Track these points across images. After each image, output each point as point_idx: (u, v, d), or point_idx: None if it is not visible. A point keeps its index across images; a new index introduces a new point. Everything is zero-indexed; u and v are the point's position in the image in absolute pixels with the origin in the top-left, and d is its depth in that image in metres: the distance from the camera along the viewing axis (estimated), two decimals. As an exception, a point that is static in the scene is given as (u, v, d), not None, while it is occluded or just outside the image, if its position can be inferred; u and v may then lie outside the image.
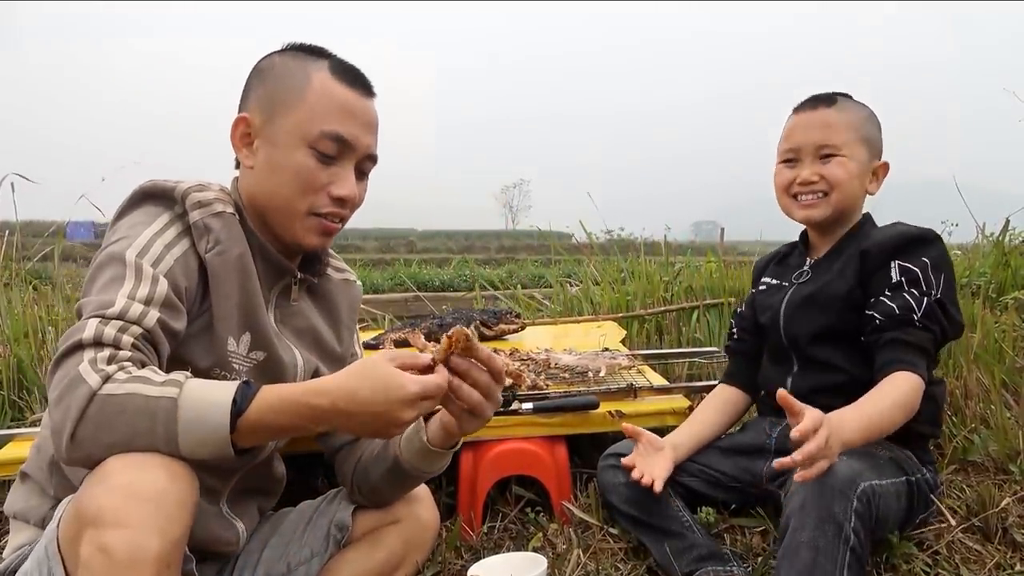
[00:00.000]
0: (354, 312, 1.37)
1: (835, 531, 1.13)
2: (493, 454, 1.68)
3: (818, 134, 1.50)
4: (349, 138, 1.11)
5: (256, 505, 1.28)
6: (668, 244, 3.92)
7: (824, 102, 1.53)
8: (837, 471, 1.18)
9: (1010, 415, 1.89)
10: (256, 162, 1.12)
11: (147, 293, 0.98)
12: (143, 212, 1.08)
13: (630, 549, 1.56)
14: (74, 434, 0.87)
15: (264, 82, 1.13)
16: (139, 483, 0.85)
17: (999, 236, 3.40)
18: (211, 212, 1.08)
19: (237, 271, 1.09)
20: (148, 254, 1.02)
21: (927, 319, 1.36)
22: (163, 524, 0.84)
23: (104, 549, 0.81)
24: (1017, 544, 1.48)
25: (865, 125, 1.52)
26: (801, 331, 1.52)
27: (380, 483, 1.24)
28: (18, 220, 3.18)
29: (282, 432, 0.99)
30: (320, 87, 1.10)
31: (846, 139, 1.49)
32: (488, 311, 2.56)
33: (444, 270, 11.67)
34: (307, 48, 1.15)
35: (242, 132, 1.13)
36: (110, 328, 0.93)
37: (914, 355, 1.34)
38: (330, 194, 1.12)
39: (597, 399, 1.76)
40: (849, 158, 1.49)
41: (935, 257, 1.41)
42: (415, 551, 1.29)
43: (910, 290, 1.38)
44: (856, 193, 1.52)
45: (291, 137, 1.09)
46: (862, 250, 1.46)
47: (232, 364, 1.11)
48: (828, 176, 1.50)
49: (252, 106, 1.13)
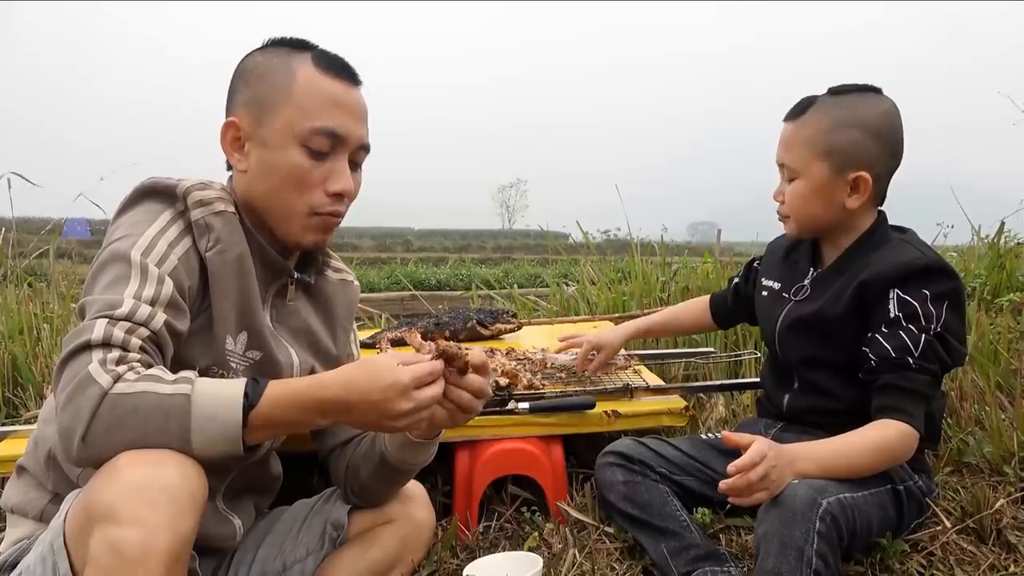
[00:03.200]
0: (351, 313, 1.36)
1: (796, 556, 1.14)
2: (489, 454, 1.68)
3: (780, 151, 1.47)
4: (341, 131, 1.10)
5: (252, 502, 1.28)
6: (665, 245, 3.92)
7: (792, 114, 1.46)
8: (798, 493, 1.18)
9: (1005, 417, 1.90)
10: (249, 165, 1.12)
11: (153, 294, 0.98)
12: (145, 209, 1.07)
13: (626, 549, 1.56)
14: (86, 435, 0.87)
15: (249, 83, 1.11)
16: (150, 479, 0.85)
17: (994, 238, 3.41)
18: (212, 211, 1.08)
19: (236, 271, 1.09)
20: (152, 253, 1.01)
21: (924, 359, 1.30)
22: (174, 521, 0.84)
23: (114, 545, 0.81)
24: (1011, 546, 1.48)
25: (831, 135, 1.39)
26: (795, 355, 1.51)
27: (370, 481, 1.25)
28: (14, 217, 3.17)
29: (290, 427, 0.99)
30: (306, 82, 1.09)
31: (799, 157, 1.43)
32: (484, 311, 2.56)
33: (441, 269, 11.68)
34: (288, 42, 1.14)
35: (232, 137, 1.12)
36: (118, 330, 0.93)
37: (910, 402, 1.30)
38: (327, 190, 1.12)
39: (593, 399, 1.76)
40: (804, 178, 1.43)
41: (938, 290, 1.33)
42: (411, 550, 1.30)
43: (908, 326, 1.31)
44: (817, 213, 1.44)
45: (282, 137, 1.08)
46: (860, 281, 1.38)
47: (229, 363, 1.11)
48: (787, 197, 1.47)
49: (240, 110, 1.11)
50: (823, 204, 1.43)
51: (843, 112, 1.40)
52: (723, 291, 1.91)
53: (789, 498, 1.18)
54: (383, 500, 1.29)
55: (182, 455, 0.90)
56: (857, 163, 1.39)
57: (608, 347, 1.90)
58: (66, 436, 0.89)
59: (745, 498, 1.19)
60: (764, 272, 1.68)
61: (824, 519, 1.16)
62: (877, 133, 1.40)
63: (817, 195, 1.43)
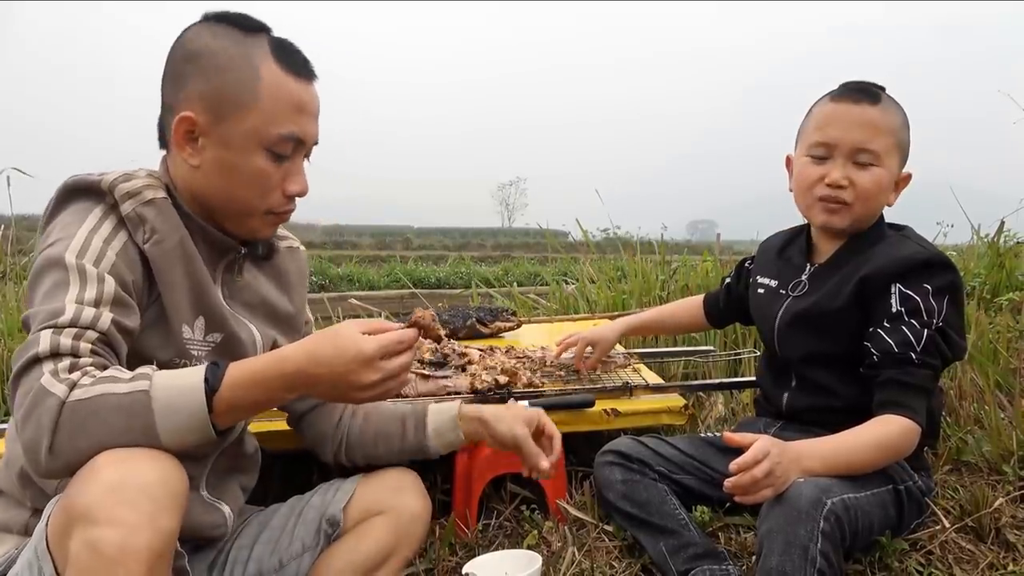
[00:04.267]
0: (303, 277, 1.36)
1: (801, 555, 1.14)
2: (488, 452, 1.68)
3: (859, 134, 1.38)
4: (302, 135, 1.11)
5: (237, 484, 1.27)
6: (664, 243, 3.93)
7: (869, 97, 1.40)
8: (802, 492, 1.18)
9: (1004, 416, 1.90)
10: (203, 161, 1.09)
11: (95, 295, 0.96)
12: (73, 210, 1.05)
13: (625, 547, 1.56)
14: (51, 447, 0.86)
15: (206, 75, 1.06)
16: (127, 478, 0.85)
17: (994, 237, 3.41)
18: (142, 201, 1.05)
19: (179, 258, 1.07)
20: (88, 253, 0.99)
21: (926, 354, 1.31)
22: (153, 518, 0.83)
23: (93, 545, 0.81)
24: (1010, 544, 1.48)
25: (903, 131, 1.41)
26: (795, 352, 1.51)
27: (390, 457, 1.31)
28: (13, 214, 3.17)
29: (257, 406, 0.99)
30: (272, 86, 1.07)
31: (886, 145, 1.38)
32: (484, 309, 2.56)
33: (440, 267, 11.68)
34: (236, 21, 1.10)
35: (185, 130, 1.08)
36: (65, 337, 0.92)
37: (912, 397, 1.30)
38: (285, 192, 1.12)
39: (593, 397, 1.76)
40: (885, 168, 1.39)
41: (939, 284, 1.34)
42: (405, 542, 1.27)
43: (910, 321, 1.32)
44: (881, 203, 1.44)
45: (247, 141, 1.07)
46: (862, 276, 1.38)
47: (191, 351, 1.10)
48: (859, 185, 1.39)
49: (195, 103, 1.07)
50: (886, 196, 1.43)
51: (902, 111, 1.43)
52: (716, 291, 1.91)
53: (794, 497, 1.18)
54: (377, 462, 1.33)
55: (159, 452, 0.89)
56: (905, 162, 1.44)
57: (602, 343, 1.91)
58: (32, 451, 0.88)
59: (750, 496, 1.19)
60: (759, 270, 1.67)
61: (828, 519, 1.16)
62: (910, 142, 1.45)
63: (887, 186, 1.42)
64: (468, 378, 1.80)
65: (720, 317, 1.90)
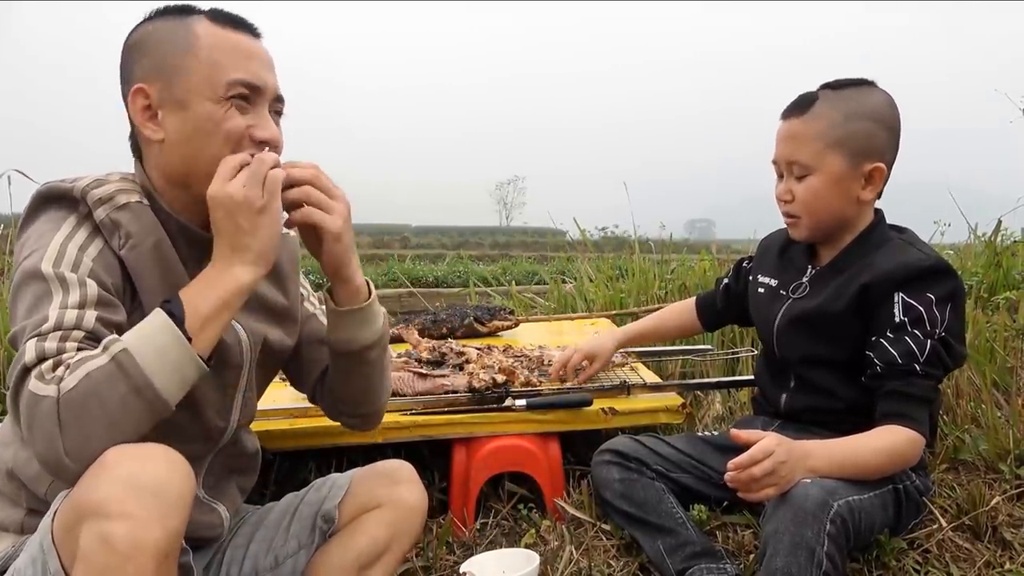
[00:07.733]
0: (295, 263, 1.33)
1: (807, 556, 1.14)
2: (486, 451, 1.69)
3: (784, 148, 1.42)
4: (256, 81, 1.07)
5: (235, 485, 1.26)
6: (663, 242, 3.93)
7: (796, 109, 1.42)
8: (809, 493, 1.18)
9: (1001, 415, 1.90)
10: (167, 132, 1.07)
11: (79, 299, 0.96)
12: (47, 219, 1.03)
13: (623, 546, 1.56)
14: (66, 448, 0.86)
15: (146, 52, 1.06)
16: (139, 474, 0.85)
17: (991, 237, 3.42)
18: (115, 206, 1.04)
19: (156, 262, 1.06)
20: (64, 261, 0.98)
21: (929, 365, 1.30)
22: (164, 515, 0.84)
23: (105, 539, 0.81)
24: (1007, 542, 1.49)
25: (844, 125, 1.37)
26: (794, 353, 1.51)
27: (338, 384, 1.25)
28: (13, 214, 3.17)
29: (223, 309, 0.99)
30: (208, 37, 1.06)
31: (813, 151, 1.38)
32: (482, 307, 2.56)
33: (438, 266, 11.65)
34: (173, 10, 1.09)
35: (142, 106, 1.07)
36: (49, 342, 0.91)
37: (916, 408, 1.30)
38: (253, 139, 1.08)
39: (590, 396, 1.76)
40: (821, 174, 1.39)
41: (942, 292, 1.33)
42: (400, 537, 1.25)
43: (913, 331, 1.31)
44: (834, 208, 1.42)
45: (199, 96, 1.05)
46: (864, 283, 1.37)
47: None
48: (798, 197, 1.42)
49: (142, 78, 1.06)
50: (839, 198, 1.40)
51: (851, 104, 1.39)
52: (709, 293, 1.89)
53: (800, 498, 1.18)
54: (365, 403, 1.27)
55: (170, 450, 0.89)
56: (871, 154, 1.39)
57: (601, 356, 1.86)
58: (51, 462, 0.88)
59: (753, 493, 1.19)
60: (759, 270, 1.66)
61: (835, 521, 1.16)
62: (886, 123, 1.40)
63: (834, 189, 1.39)
64: (466, 377, 1.80)
65: (716, 319, 1.88)
